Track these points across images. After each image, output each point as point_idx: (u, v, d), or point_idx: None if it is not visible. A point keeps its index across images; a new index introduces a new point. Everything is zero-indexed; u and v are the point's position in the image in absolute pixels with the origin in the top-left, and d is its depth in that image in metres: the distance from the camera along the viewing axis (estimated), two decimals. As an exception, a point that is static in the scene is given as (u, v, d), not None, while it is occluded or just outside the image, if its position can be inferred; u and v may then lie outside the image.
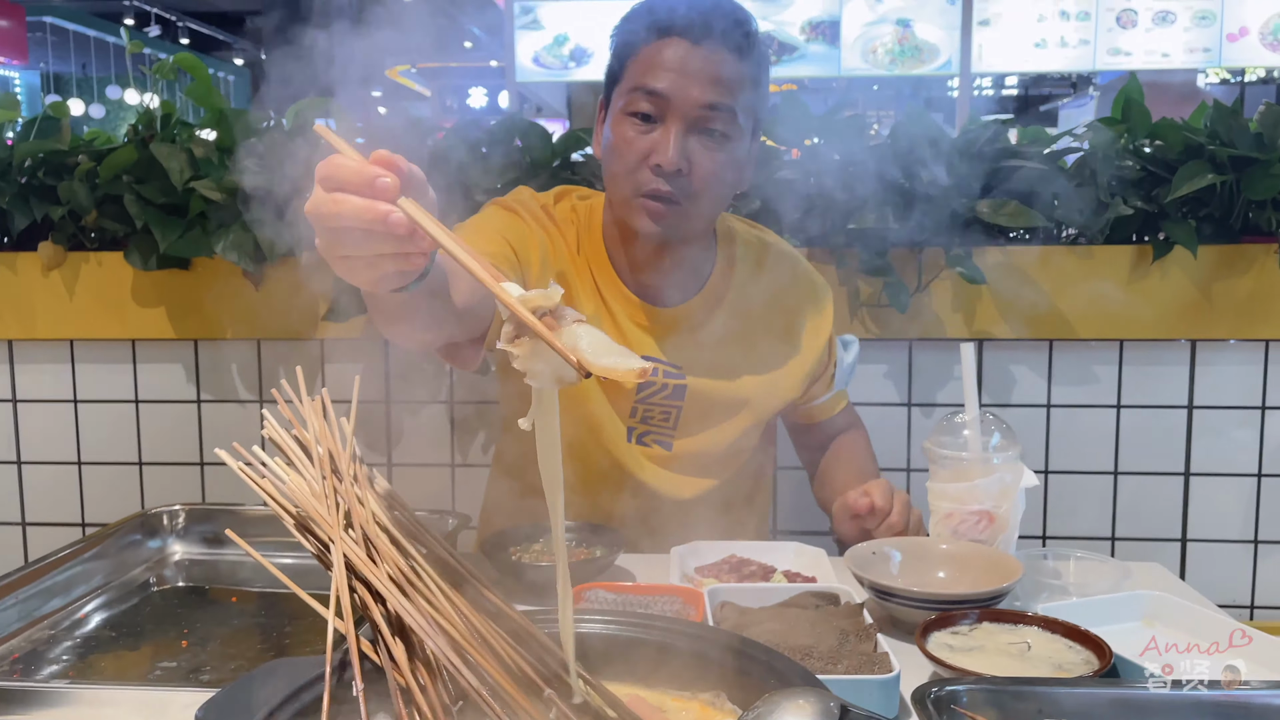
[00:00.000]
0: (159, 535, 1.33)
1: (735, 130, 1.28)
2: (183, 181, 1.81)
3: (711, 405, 1.41)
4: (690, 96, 1.24)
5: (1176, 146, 1.76)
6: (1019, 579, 1.03)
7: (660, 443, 1.42)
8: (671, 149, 1.24)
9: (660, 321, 1.39)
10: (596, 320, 1.37)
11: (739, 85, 1.27)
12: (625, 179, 1.28)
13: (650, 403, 1.40)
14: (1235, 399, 1.84)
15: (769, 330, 1.43)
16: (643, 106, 1.26)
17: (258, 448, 0.85)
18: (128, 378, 2.01)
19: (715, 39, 1.25)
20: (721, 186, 1.31)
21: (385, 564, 0.77)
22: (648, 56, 1.26)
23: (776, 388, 1.45)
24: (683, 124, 1.25)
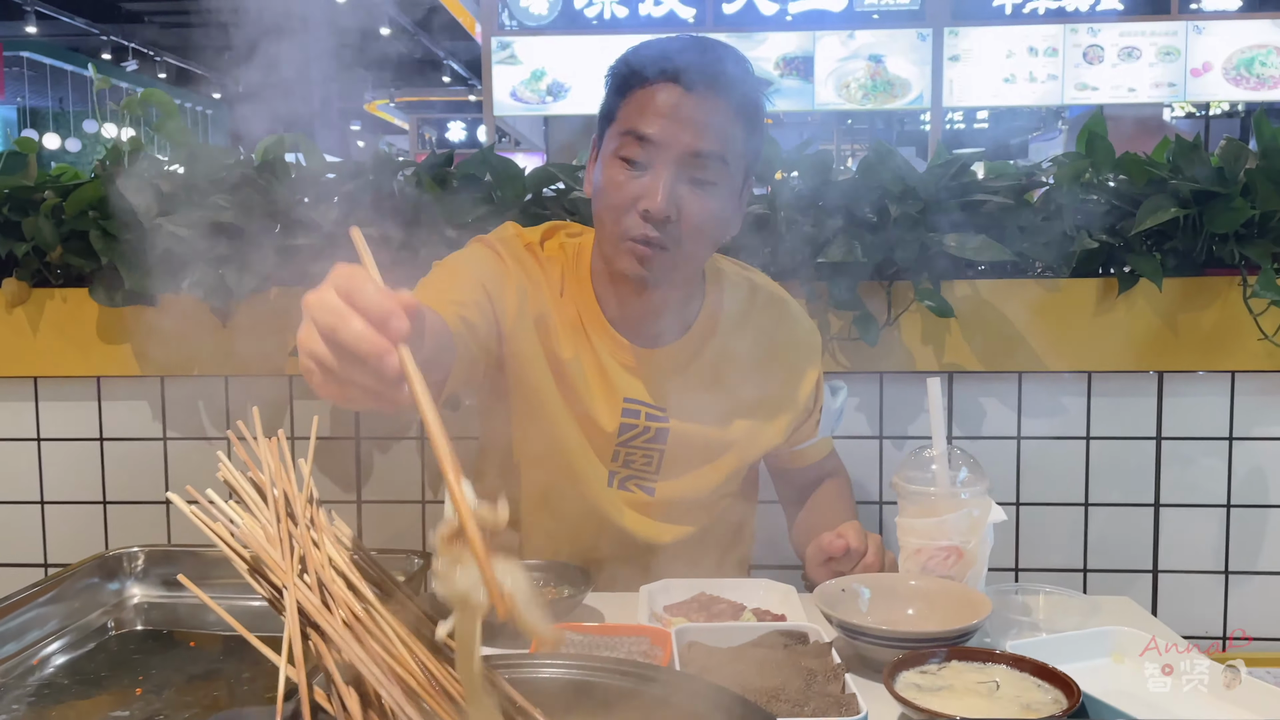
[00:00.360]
0: (118, 578, 1.30)
1: (725, 177, 1.27)
2: (149, 217, 1.80)
3: (695, 449, 1.40)
4: (681, 143, 1.23)
5: (1140, 180, 1.78)
6: (988, 616, 1.03)
7: (643, 488, 1.40)
8: (660, 195, 1.22)
9: (646, 363, 1.37)
10: (579, 361, 1.36)
11: (731, 132, 1.26)
12: (613, 222, 1.27)
13: (632, 446, 1.38)
14: (1203, 430, 1.85)
15: (755, 373, 1.41)
16: (633, 151, 1.24)
17: (211, 490, 0.83)
18: (92, 415, 1.99)
19: (709, 85, 1.24)
20: (710, 233, 1.29)
21: (340, 610, 0.76)
22: (640, 100, 1.25)
23: (762, 432, 1.43)
24: (672, 170, 1.24)
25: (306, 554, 0.78)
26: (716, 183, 1.26)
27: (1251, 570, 1.87)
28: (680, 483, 1.40)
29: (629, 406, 1.36)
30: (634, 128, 1.24)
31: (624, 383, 1.36)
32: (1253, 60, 5.54)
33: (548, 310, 1.35)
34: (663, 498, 1.40)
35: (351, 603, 0.76)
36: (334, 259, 1.88)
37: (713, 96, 1.24)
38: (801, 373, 1.45)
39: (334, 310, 0.70)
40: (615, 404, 1.36)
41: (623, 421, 1.36)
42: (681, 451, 1.39)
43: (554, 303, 1.36)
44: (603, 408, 1.36)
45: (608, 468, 1.39)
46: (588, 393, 1.35)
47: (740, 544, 1.53)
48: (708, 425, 1.39)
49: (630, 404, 1.36)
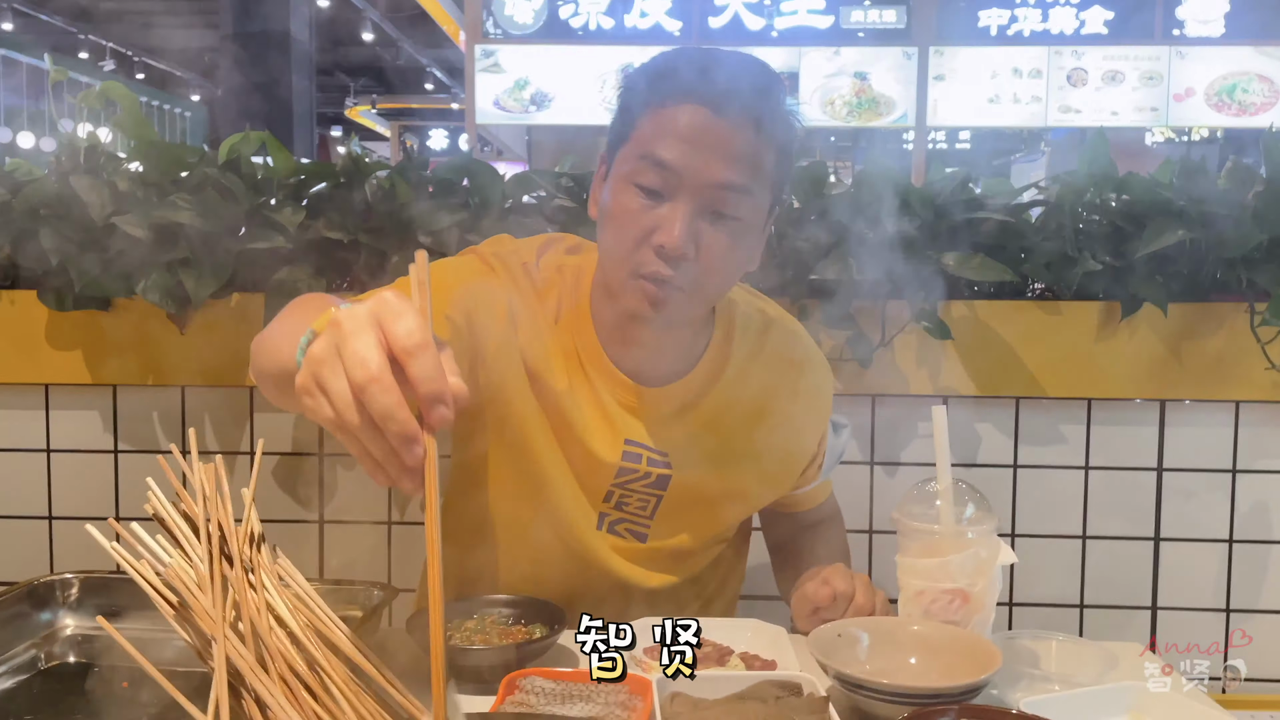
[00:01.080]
0: (49, 607, 1.20)
1: (753, 212, 1.13)
2: (103, 217, 1.69)
3: (698, 497, 1.26)
4: (705, 173, 1.08)
5: (1144, 201, 1.71)
6: (998, 669, 0.94)
7: (634, 534, 1.27)
8: (678, 230, 1.08)
9: (648, 401, 1.23)
10: (574, 395, 1.21)
11: (761, 161, 1.11)
12: (622, 255, 1.12)
13: (629, 489, 1.25)
14: (1206, 461, 1.78)
15: (768, 415, 1.28)
16: (649, 179, 1.10)
17: (136, 525, 0.73)
18: (39, 425, 1.87)
19: (740, 107, 1.09)
20: (730, 272, 1.16)
21: (277, 664, 0.66)
22: (661, 121, 1.10)
23: (773, 480, 1.32)
24: (693, 204, 1.09)
25: (241, 599, 0.68)
26: (741, 218, 1.12)
27: (1254, 609, 1.80)
28: (677, 531, 1.28)
29: (630, 449, 1.22)
30: (652, 152, 1.09)
31: (625, 423, 1.22)
32: (1234, 87, 5.55)
33: (541, 339, 1.21)
34: (656, 545, 1.28)
35: (291, 657, 0.67)
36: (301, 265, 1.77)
37: (743, 121, 1.09)
38: (815, 416, 1.32)
39: (373, 369, 0.61)
40: (616, 446, 1.22)
41: (622, 465, 1.22)
42: (682, 499, 1.26)
43: (548, 330, 1.22)
44: (602, 442, 1.22)
45: (598, 509, 1.26)
46: (584, 426, 1.21)
47: (731, 584, 1.43)
48: (713, 472, 1.26)
49: (632, 446, 1.22)
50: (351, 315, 0.63)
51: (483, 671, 1.03)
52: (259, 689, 0.64)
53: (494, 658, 1.03)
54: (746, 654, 1.10)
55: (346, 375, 0.62)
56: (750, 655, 1.10)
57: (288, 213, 1.69)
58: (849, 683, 0.94)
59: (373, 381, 0.60)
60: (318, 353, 0.64)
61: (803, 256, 1.69)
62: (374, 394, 0.60)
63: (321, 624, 0.71)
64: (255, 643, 0.66)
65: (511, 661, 1.03)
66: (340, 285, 1.76)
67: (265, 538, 0.78)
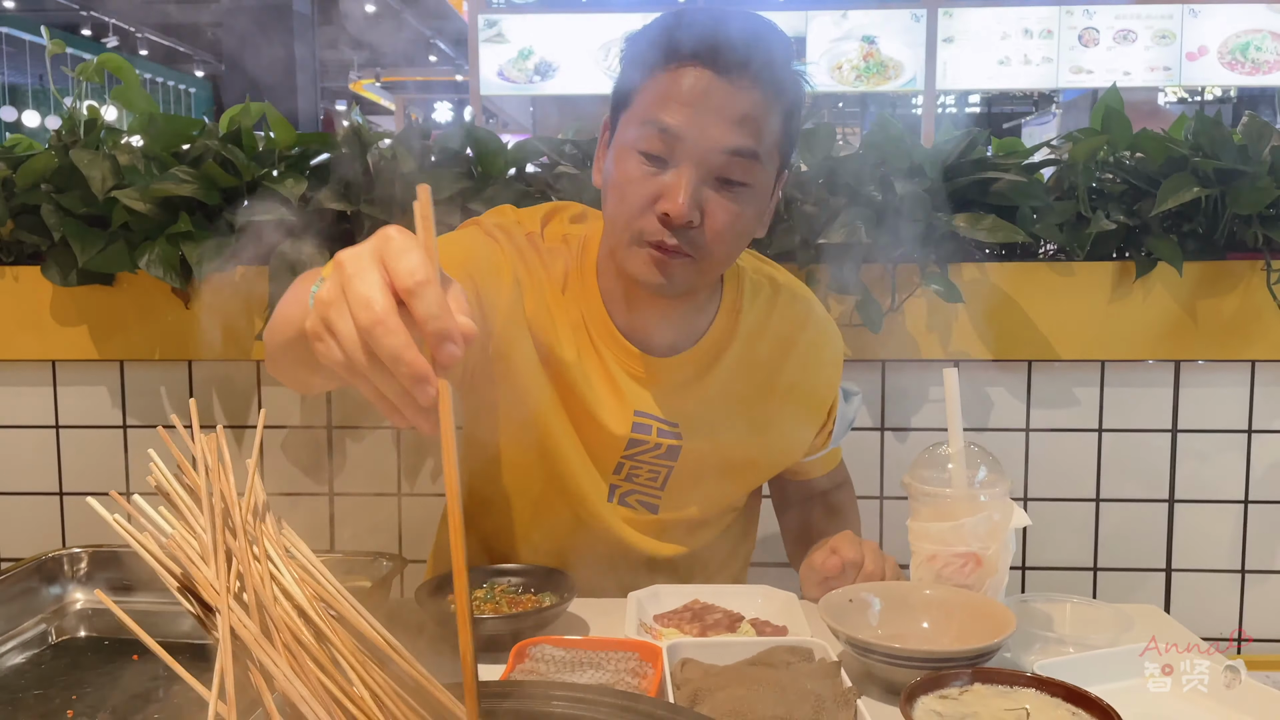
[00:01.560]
0: (58, 582, 1.20)
1: (758, 176, 1.10)
2: (104, 190, 1.68)
3: (709, 467, 1.25)
4: (710, 139, 1.06)
5: (1158, 159, 1.68)
6: (1011, 633, 0.93)
7: (645, 505, 1.26)
8: (682, 198, 1.05)
9: (657, 372, 1.21)
10: (583, 365, 1.19)
11: (769, 126, 1.08)
12: (627, 223, 1.10)
13: (639, 460, 1.23)
14: (1221, 422, 1.76)
15: (778, 383, 1.26)
16: (653, 145, 1.07)
17: (139, 497, 0.73)
18: (47, 401, 1.87)
19: (745, 69, 1.06)
20: (737, 240, 1.13)
21: (282, 635, 0.65)
22: (663, 85, 1.07)
23: (784, 448, 1.30)
24: (698, 170, 1.07)
25: (245, 570, 0.68)
26: (748, 183, 1.09)
27: (1269, 569, 1.78)
28: (688, 502, 1.27)
29: (640, 420, 1.20)
30: (655, 117, 1.06)
31: (634, 394, 1.20)
32: (1248, 45, 5.46)
33: (548, 310, 1.19)
34: (667, 517, 1.27)
35: (297, 628, 0.66)
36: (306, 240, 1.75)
37: (749, 83, 1.06)
38: (824, 383, 1.30)
39: (377, 311, 0.59)
40: (626, 417, 1.20)
41: (633, 436, 1.20)
42: (693, 469, 1.24)
43: (555, 301, 1.20)
44: (611, 413, 1.20)
45: (608, 481, 1.24)
46: (594, 397, 1.19)
47: (741, 551, 1.42)
48: (724, 442, 1.24)
49: (642, 417, 1.20)
50: (355, 255, 0.61)
51: (493, 640, 1.03)
52: (264, 659, 0.63)
53: (504, 626, 1.03)
54: (757, 620, 1.09)
55: (352, 317, 0.60)
56: (761, 621, 1.09)
57: (289, 184, 1.68)
58: (861, 647, 0.93)
59: (378, 323, 0.58)
60: (324, 295, 0.62)
61: (811, 221, 1.67)
62: (380, 336, 0.58)
63: (328, 594, 0.71)
64: (260, 613, 0.65)
65: (522, 630, 1.03)
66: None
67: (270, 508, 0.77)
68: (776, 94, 1.09)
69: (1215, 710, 0.89)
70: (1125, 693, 0.89)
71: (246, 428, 1.84)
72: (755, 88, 1.07)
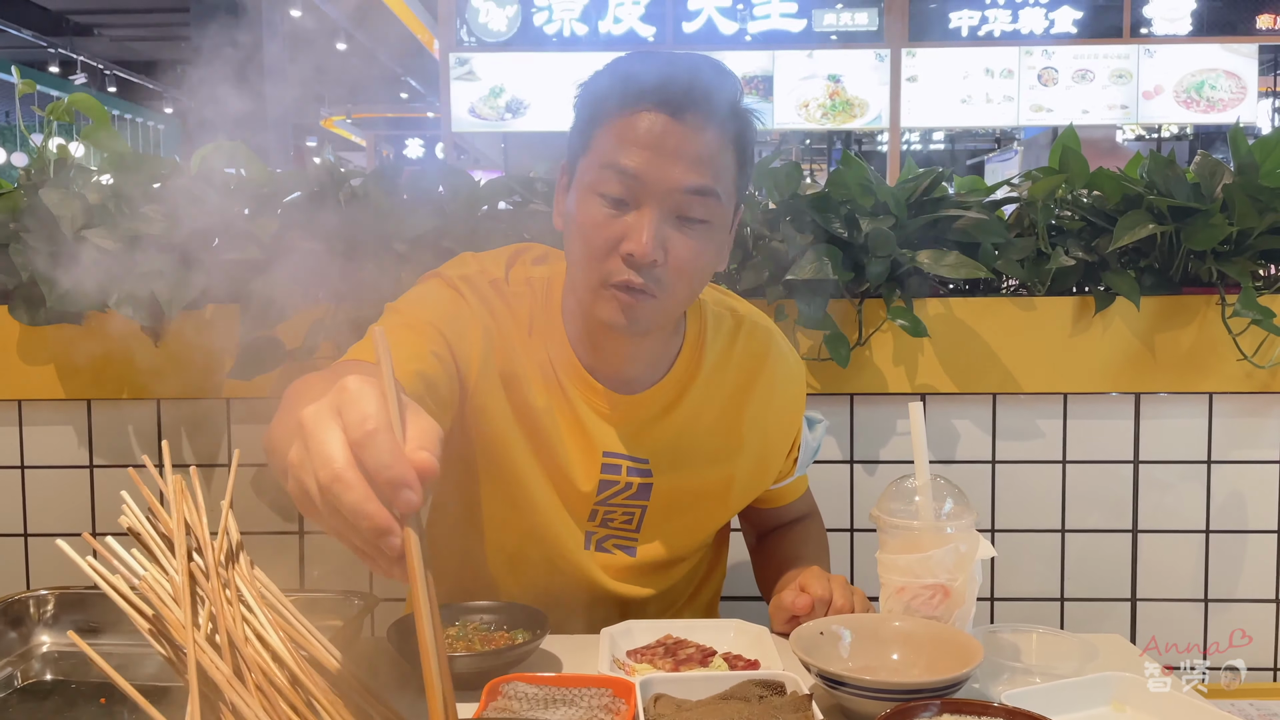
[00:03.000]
0: (25, 624, 1.18)
1: (718, 214, 1.13)
2: (74, 230, 1.67)
3: (681, 502, 1.27)
4: (670, 179, 1.09)
5: (1114, 197, 1.73)
6: (979, 663, 0.94)
7: (623, 548, 1.27)
8: (646, 238, 1.08)
9: (624, 409, 1.23)
10: (552, 412, 1.21)
11: (724, 163, 1.12)
12: (592, 266, 1.12)
13: (611, 504, 1.25)
14: (1181, 453, 1.79)
15: (744, 412, 1.28)
16: (614, 188, 1.10)
17: (111, 538, 0.73)
18: (13, 441, 1.85)
19: (699, 110, 1.09)
20: (700, 275, 1.16)
21: (254, 676, 0.65)
22: (620, 129, 1.10)
23: (753, 475, 1.32)
24: (659, 209, 1.10)
25: (217, 611, 0.68)
26: (708, 220, 1.12)
27: (1231, 598, 1.81)
28: (664, 540, 1.28)
29: (609, 461, 1.22)
30: (614, 161, 1.09)
31: (601, 434, 1.22)
32: (1202, 84, 5.62)
33: (516, 355, 1.21)
34: (644, 557, 1.28)
35: (269, 669, 0.66)
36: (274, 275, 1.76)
37: (704, 123, 1.09)
38: (789, 410, 1.33)
39: (335, 469, 0.59)
40: (594, 459, 1.22)
41: (602, 479, 1.23)
42: (665, 507, 1.26)
43: (523, 345, 1.21)
44: (580, 464, 1.22)
45: (584, 529, 1.25)
46: (562, 449, 1.21)
47: (711, 583, 1.43)
48: (694, 474, 1.26)
49: (610, 458, 1.23)
50: (315, 412, 0.62)
51: (465, 678, 1.03)
52: (236, 701, 0.63)
53: (477, 664, 1.03)
54: (729, 654, 1.10)
55: (315, 482, 0.61)
56: (733, 656, 1.10)
57: (261, 222, 1.68)
58: (832, 680, 0.94)
59: (335, 480, 0.59)
60: (293, 458, 0.64)
61: (778, 257, 1.69)
62: (339, 493, 0.59)
63: (299, 635, 0.71)
64: (232, 654, 0.65)
65: (494, 667, 1.03)
66: (315, 295, 1.75)
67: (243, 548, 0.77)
68: (729, 132, 1.13)
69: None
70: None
71: (217, 466, 1.83)
72: (709, 127, 1.10)
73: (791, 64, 5.70)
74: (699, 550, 1.34)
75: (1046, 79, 5.70)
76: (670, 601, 1.34)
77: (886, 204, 1.70)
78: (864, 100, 5.70)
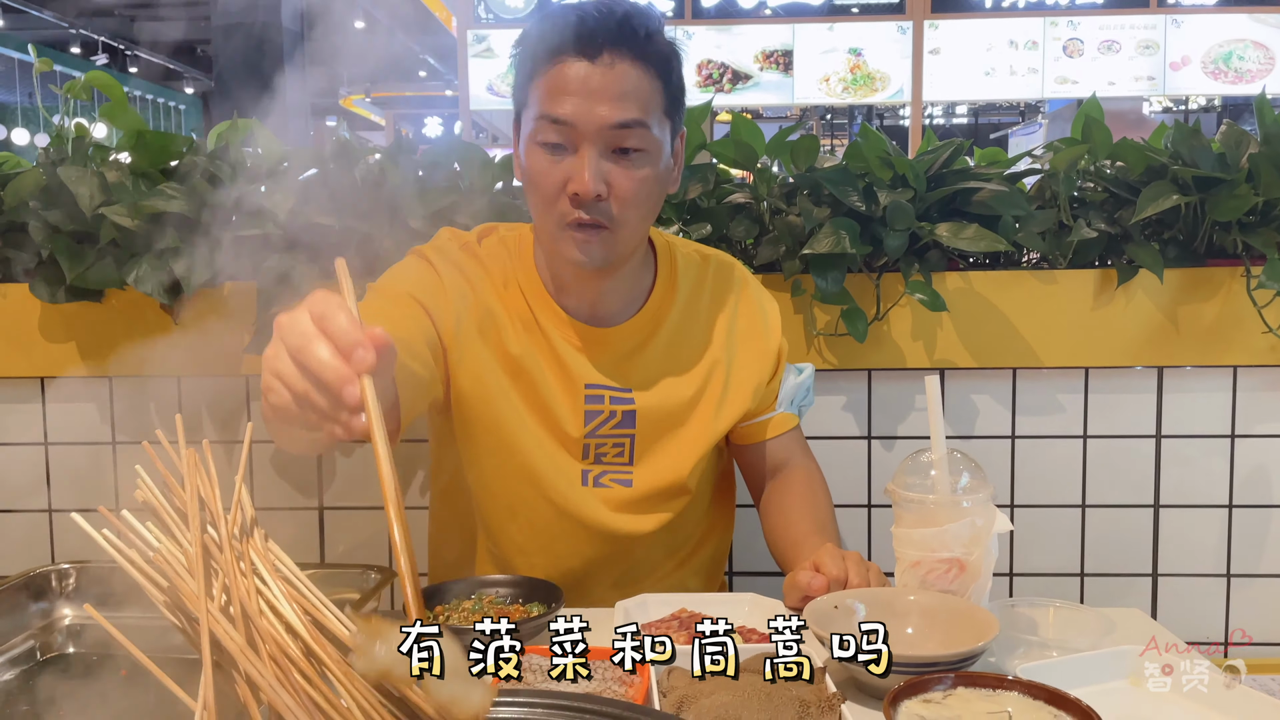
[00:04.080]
0: (47, 598, 1.20)
1: (653, 142, 1.21)
2: (92, 207, 1.68)
3: (666, 427, 1.33)
4: (598, 119, 1.17)
5: (1138, 167, 1.70)
6: (995, 637, 0.94)
7: (619, 481, 1.33)
8: (587, 176, 1.17)
9: (602, 343, 1.31)
10: (534, 355, 1.29)
11: (650, 95, 1.20)
12: (546, 211, 1.22)
13: (600, 436, 1.31)
14: (1204, 428, 1.77)
15: (715, 341, 1.36)
16: (550, 135, 1.19)
17: (127, 513, 0.73)
18: (36, 417, 1.87)
19: (616, 50, 1.17)
20: (648, 201, 1.24)
21: (268, 646, 0.66)
22: (548, 80, 1.19)
23: (730, 399, 1.36)
24: (595, 148, 1.18)
25: (231, 583, 0.68)
26: (644, 148, 1.20)
27: (1254, 573, 1.79)
28: (658, 466, 1.33)
29: (591, 393, 1.30)
30: (546, 111, 1.18)
31: (582, 368, 1.30)
32: (1230, 54, 5.52)
33: (493, 308, 1.30)
34: (642, 488, 1.33)
35: (283, 640, 0.66)
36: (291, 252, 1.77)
37: (622, 61, 1.18)
38: (760, 335, 1.39)
39: (303, 333, 0.73)
40: (577, 394, 1.30)
41: (587, 409, 1.30)
42: (652, 432, 1.33)
43: (499, 297, 1.31)
44: (564, 402, 1.30)
45: (580, 466, 1.32)
46: (547, 389, 1.29)
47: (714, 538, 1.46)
48: (674, 399, 1.33)
49: (592, 389, 1.30)
50: (287, 313, 0.76)
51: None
52: (249, 670, 0.63)
53: (491, 637, 1.03)
54: (744, 628, 1.10)
55: (287, 350, 0.74)
56: (747, 630, 1.10)
57: (278, 199, 1.69)
58: (846, 653, 0.94)
59: (304, 342, 0.72)
60: (269, 351, 0.77)
61: (795, 231, 1.68)
62: (307, 352, 0.71)
63: (312, 607, 0.71)
64: (245, 625, 0.66)
65: (509, 641, 1.03)
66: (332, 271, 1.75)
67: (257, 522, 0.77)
68: (649, 64, 1.20)
69: (1199, 712, 0.90)
70: (1107, 695, 0.90)
71: (236, 442, 1.84)
72: (627, 64, 1.18)
73: (812, 37, 5.64)
74: (695, 478, 1.36)
75: (1072, 50, 5.61)
76: (677, 546, 1.39)
77: (905, 177, 1.68)
78: (885, 74, 5.63)
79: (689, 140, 1.75)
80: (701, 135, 1.76)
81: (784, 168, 1.78)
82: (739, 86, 5.66)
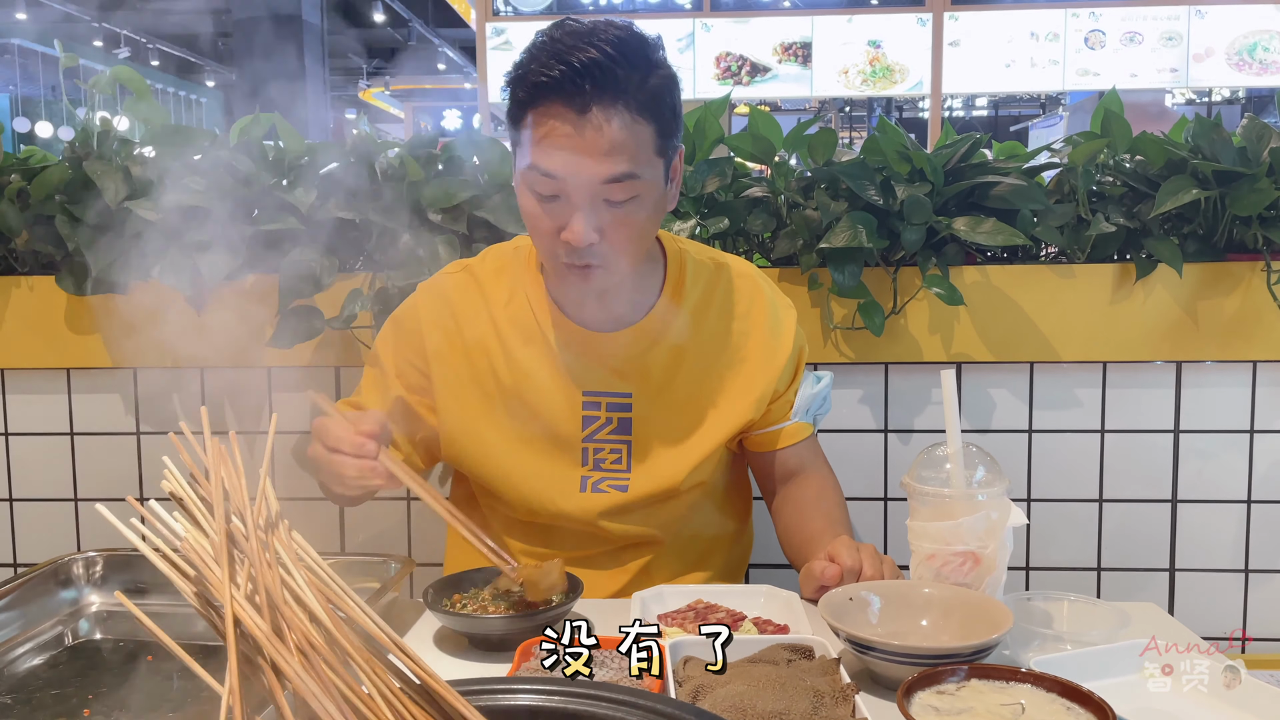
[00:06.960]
0: (74, 585, 1.22)
1: (646, 186, 1.16)
2: (117, 201, 1.71)
3: (663, 434, 1.32)
4: (586, 174, 1.12)
5: (1158, 161, 1.69)
6: (1009, 629, 0.94)
7: (616, 486, 1.32)
8: (579, 228, 1.14)
9: (600, 348, 1.30)
10: (533, 362, 1.30)
11: (641, 143, 1.13)
12: (543, 246, 1.21)
13: (597, 440, 1.31)
14: (1222, 422, 1.77)
15: (721, 350, 1.33)
16: (541, 187, 1.15)
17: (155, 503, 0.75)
18: (62, 409, 1.90)
19: (603, 100, 1.10)
20: (641, 235, 1.20)
21: (294, 635, 0.67)
22: (535, 127, 1.13)
23: (731, 409, 1.34)
24: (586, 199, 1.14)
25: (257, 571, 0.70)
26: (638, 195, 1.15)
27: (1272, 569, 1.79)
28: (652, 472, 1.32)
29: (589, 399, 1.30)
30: (536, 163, 1.13)
31: (582, 373, 1.30)
32: (1255, 46, 5.46)
33: (483, 337, 1.31)
34: (638, 493, 1.31)
35: (308, 630, 0.68)
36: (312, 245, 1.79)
37: (611, 113, 1.10)
38: (772, 346, 1.35)
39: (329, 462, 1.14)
40: (574, 400, 1.30)
41: (584, 415, 1.30)
42: (648, 439, 1.31)
43: (500, 315, 1.31)
44: (563, 408, 1.30)
45: (580, 472, 1.32)
46: (546, 398, 1.30)
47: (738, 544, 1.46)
48: (672, 406, 1.32)
49: (590, 396, 1.30)
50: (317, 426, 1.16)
51: (499, 639, 1.05)
52: (276, 658, 0.65)
53: (510, 626, 1.05)
54: (759, 619, 1.11)
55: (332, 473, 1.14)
56: (763, 620, 1.11)
57: (299, 193, 1.70)
58: (860, 645, 0.95)
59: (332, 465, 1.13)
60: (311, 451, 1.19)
61: (812, 225, 1.68)
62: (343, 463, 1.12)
63: (334, 595, 0.73)
64: (271, 613, 0.67)
65: (527, 629, 1.05)
66: (353, 264, 1.77)
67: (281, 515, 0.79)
68: (640, 111, 1.13)
69: (1212, 707, 0.91)
70: (1121, 689, 0.91)
71: (259, 433, 1.87)
72: (615, 114, 1.11)
73: (831, 29, 5.61)
74: (692, 483, 1.35)
75: (1094, 42, 5.56)
76: (682, 550, 1.38)
77: (923, 170, 1.68)
78: (905, 66, 5.60)
79: (707, 135, 1.76)
80: (719, 129, 1.77)
81: (801, 161, 1.78)
82: (757, 79, 5.64)
